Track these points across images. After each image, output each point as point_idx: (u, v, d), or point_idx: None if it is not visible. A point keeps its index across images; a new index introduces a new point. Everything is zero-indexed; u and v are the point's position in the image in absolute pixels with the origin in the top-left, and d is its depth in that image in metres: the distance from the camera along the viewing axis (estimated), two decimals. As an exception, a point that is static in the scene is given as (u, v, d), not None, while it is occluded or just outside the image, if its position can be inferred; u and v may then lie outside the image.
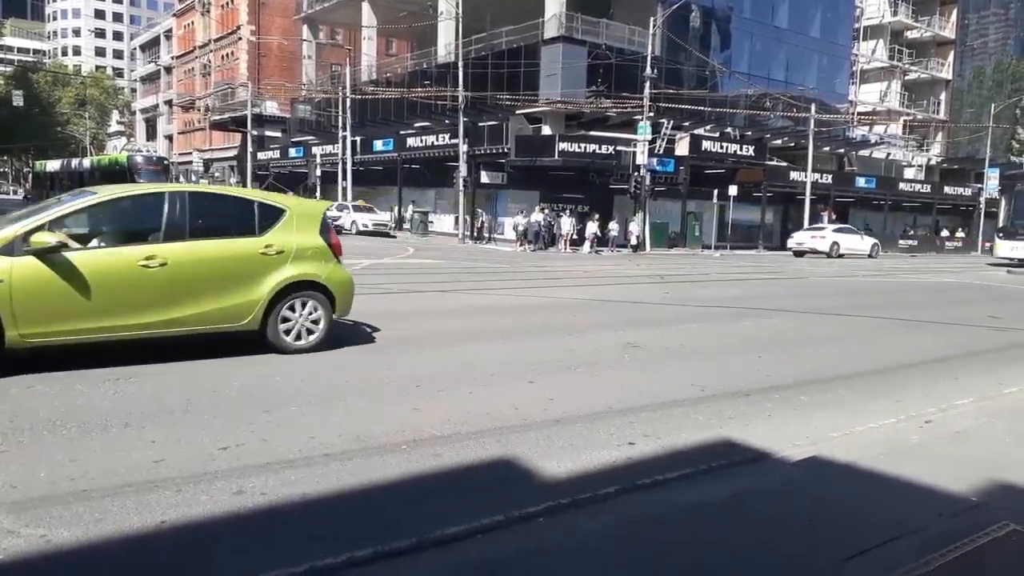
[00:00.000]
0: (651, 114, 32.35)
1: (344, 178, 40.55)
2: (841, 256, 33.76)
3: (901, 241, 46.21)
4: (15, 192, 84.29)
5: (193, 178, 60.84)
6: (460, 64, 33.56)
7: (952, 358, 8.96)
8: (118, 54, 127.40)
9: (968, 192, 52.73)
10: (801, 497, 4.36)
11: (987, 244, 45.15)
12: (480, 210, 35.90)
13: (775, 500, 4.31)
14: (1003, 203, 50.65)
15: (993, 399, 6.83)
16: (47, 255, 6.03)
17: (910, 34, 59.78)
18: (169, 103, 77.75)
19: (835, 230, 35.65)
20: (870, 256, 35.48)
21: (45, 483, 3.94)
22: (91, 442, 4.63)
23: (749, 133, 41.27)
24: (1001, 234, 36.49)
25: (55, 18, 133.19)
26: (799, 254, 34.29)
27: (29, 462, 4.23)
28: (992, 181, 49.66)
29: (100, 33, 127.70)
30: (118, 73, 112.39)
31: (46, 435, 4.69)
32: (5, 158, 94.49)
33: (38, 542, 3.30)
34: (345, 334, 8.74)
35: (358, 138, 41.42)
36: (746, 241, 39.53)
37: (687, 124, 37.10)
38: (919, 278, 23.48)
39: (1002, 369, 8.40)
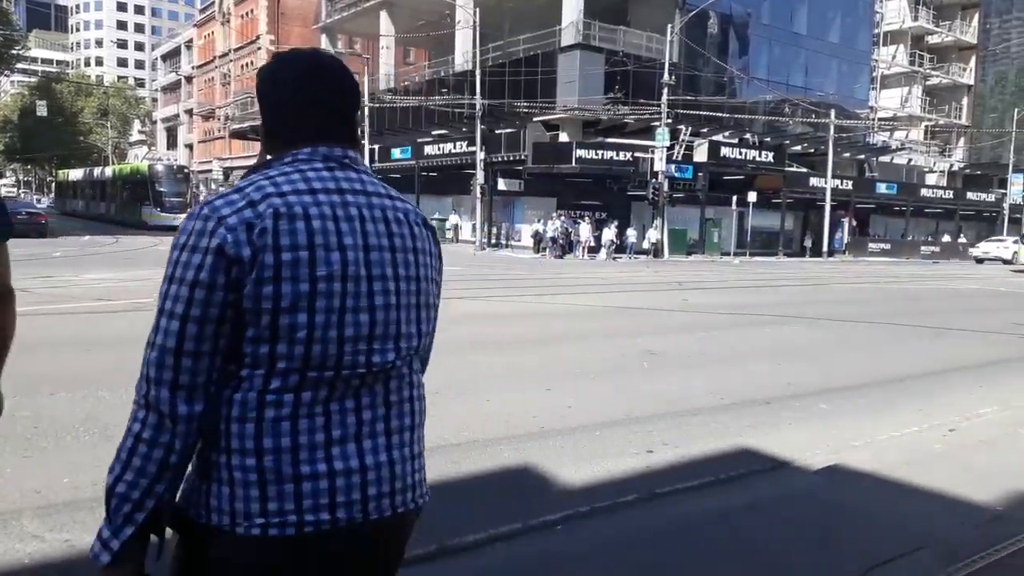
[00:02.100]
0: (669, 120, 32.25)
1: (362, 186, 40.75)
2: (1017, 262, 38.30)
3: (923, 248, 45.78)
4: (38, 201, 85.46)
5: (213, 186, 61.47)
6: (477, 72, 33.63)
7: (976, 366, 8.85)
8: (140, 64, 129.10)
9: (991, 198, 52.13)
10: (822, 506, 4.32)
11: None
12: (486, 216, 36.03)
13: (795, 509, 4.27)
14: (1027, 209, 50.15)
15: (1018, 408, 6.73)
16: None
17: (931, 39, 59.29)
18: (189, 112, 78.58)
19: (1014, 241, 40.61)
20: None
21: (68, 488, 3.98)
22: (113, 448, 4.66)
23: (768, 139, 41.00)
24: (1025, 240, 36.22)
25: (78, 29, 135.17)
26: (980, 261, 39.09)
27: (53, 468, 4.27)
28: (1016, 187, 49.11)
29: (122, 44, 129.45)
30: (139, 83, 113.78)
31: (69, 441, 4.75)
32: (29, 167, 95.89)
33: (62, 547, 3.34)
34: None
35: (376, 146, 41.62)
36: (765, 248, 39.28)
37: (705, 130, 36.94)
38: (943, 285, 23.23)
39: (1027, 377, 8.29)
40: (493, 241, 35.98)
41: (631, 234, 33.21)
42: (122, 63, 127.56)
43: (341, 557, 1.37)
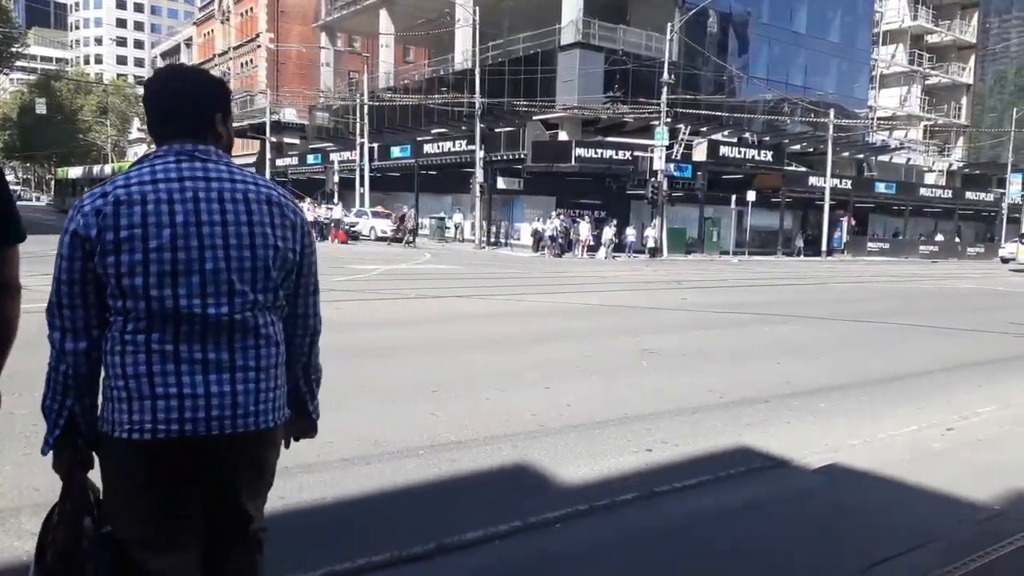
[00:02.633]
0: (668, 119, 32.24)
1: (362, 184, 40.71)
2: None
3: (922, 247, 45.78)
4: (38, 199, 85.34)
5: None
6: (477, 71, 33.60)
7: (974, 365, 8.85)
8: (139, 62, 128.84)
9: (990, 197, 52.12)
10: (821, 504, 4.32)
11: (1010, 250, 44.72)
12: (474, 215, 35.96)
13: (795, 507, 4.27)
14: (1026, 208, 50.14)
15: (1017, 406, 6.73)
16: None
17: (930, 38, 59.25)
18: (189, 110, 78.38)
19: None
20: None
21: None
22: (112, 446, 4.65)
23: (767, 138, 40.99)
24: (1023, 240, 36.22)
25: (77, 27, 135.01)
26: (1006, 260, 37.39)
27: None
28: (1014, 186, 49.10)
29: (121, 42, 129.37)
30: (139, 81, 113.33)
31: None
32: (28, 165, 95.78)
33: (60, 545, 3.33)
34: (361, 339, 8.78)
35: (375, 144, 41.57)
36: (764, 247, 39.28)
37: (705, 129, 36.93)
38: (940, 284, 23.24)
39: (1026, 376, 8.29)
40: (492, 240, 35.96)
41: (630, 233, 33.20)
42: (122, 61, 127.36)
43: (189, 461, 1.84)
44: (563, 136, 35.18)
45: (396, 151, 41.78)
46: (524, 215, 36.67)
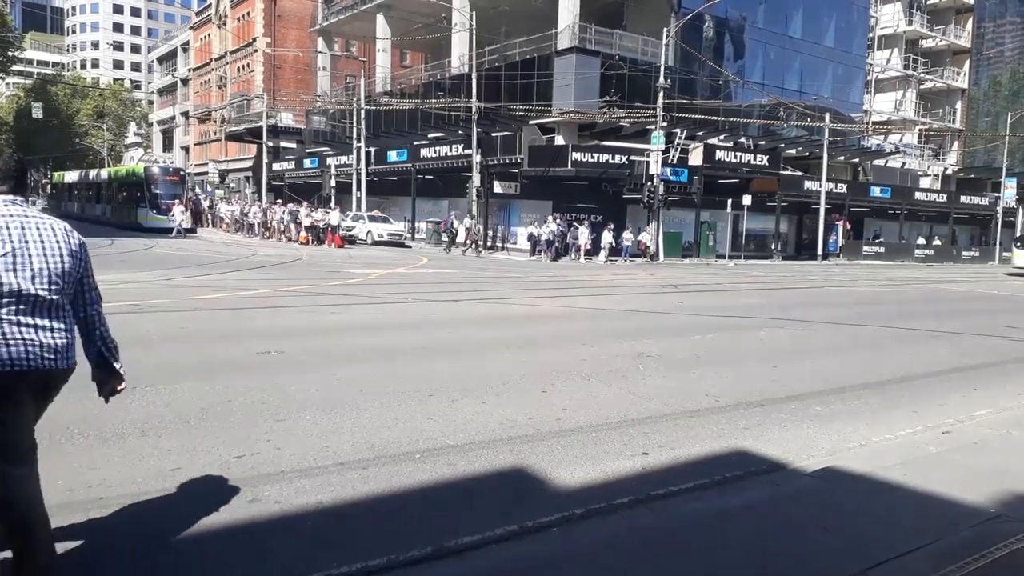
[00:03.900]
0: (664, 124, 32.29)
1: (358, 189, 40.70)
2: None
3: (917, 251, 45.87)
4: (33, 203, 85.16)
5: (209, 188, 61.32)
6: (474, 75, 33.64)
7: (969, 368, 8.88)
8: (136, 67, 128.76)
9: (985, 201, 52.27)
10: (817, 508, 4.33)
11: (1005, 254, 44.82)
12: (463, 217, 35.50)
13: (790, 511, 4.28)
14: (1020, 212, 50.27)
15: (1012, 410, 6.76)
16: None
17: (925, 43, 59.48)
18: (186, 115, 78.41)
19: None
20: None
21: (63, 491, 3.97)
22: (108, 450, 4.66)
23: (763, 142, 41.08)
24: (1018, 243, 36.35)
25: (74, 31, 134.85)
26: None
27: (47, 470, 4.24)
28: (1009, 190, 49.22)
29: (118, 46, 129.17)
30: (136, 85, 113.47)
31: (64, 443, 4.74)
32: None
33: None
34: (358, 343, 8.78)
35: (372, 149, 41.56)
36: (760, 250, 39.33)
37: (700, 134, 37.01)
38: (936, 288, 23.30)
39: (1020, 380, 8.32)
40: (489, 244, 35.97)
41: (627, 237, 33.22)
42: (118, 65, 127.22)
43: (9, 385, 2.79)
44: (559, 140, 35.21)
45: (393, 155, 41.79)
46: (521, 219, 36.67)
